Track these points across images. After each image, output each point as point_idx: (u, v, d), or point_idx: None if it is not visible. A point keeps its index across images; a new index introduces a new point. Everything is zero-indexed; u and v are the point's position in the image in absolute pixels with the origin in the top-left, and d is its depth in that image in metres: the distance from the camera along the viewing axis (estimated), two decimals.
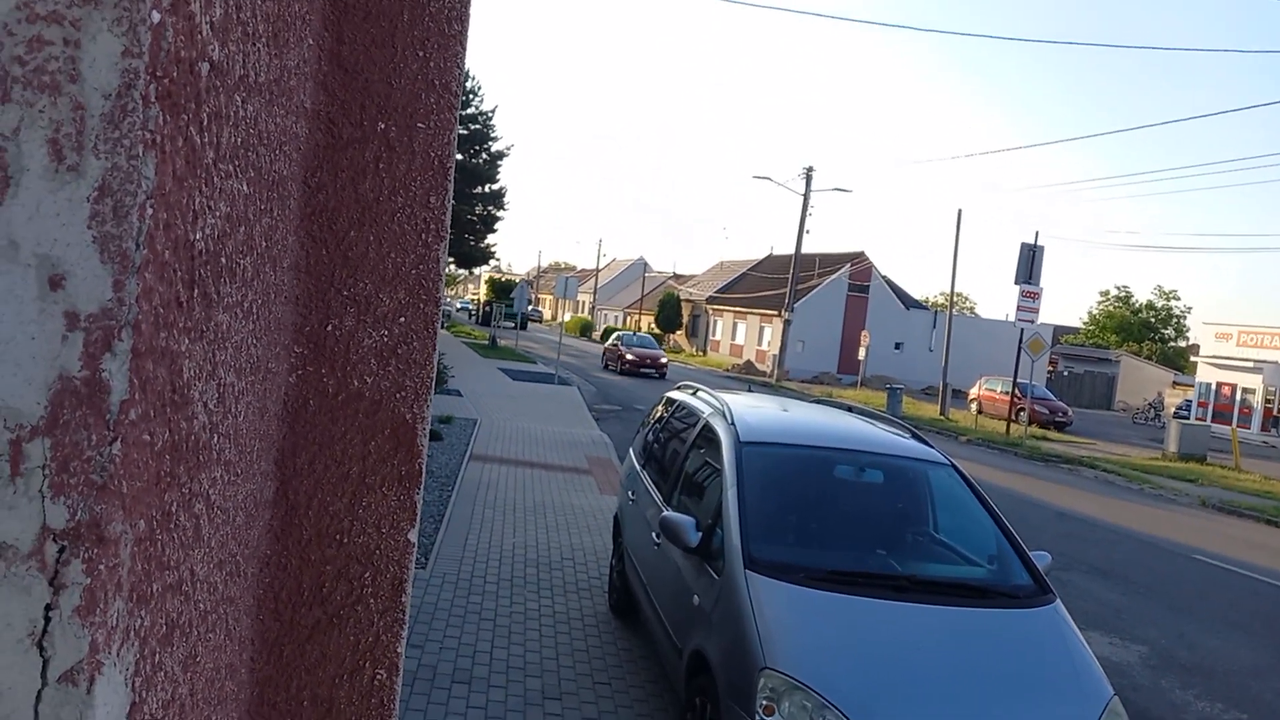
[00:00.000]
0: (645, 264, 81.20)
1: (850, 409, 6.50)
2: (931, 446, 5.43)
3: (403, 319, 1.05)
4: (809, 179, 38.47)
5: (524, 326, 52.44)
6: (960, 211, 34.40)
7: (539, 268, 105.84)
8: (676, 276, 76.66)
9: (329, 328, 1.02)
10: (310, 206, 0.99)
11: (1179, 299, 74.52)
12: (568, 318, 65.13)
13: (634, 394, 24.99)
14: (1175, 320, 74.38)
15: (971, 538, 4.95)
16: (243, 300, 0.73)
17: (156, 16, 0.45)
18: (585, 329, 67.11)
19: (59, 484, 0.44)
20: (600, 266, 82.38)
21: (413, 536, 1.08)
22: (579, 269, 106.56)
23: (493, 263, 56.15)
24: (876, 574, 4.32)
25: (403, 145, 1.02)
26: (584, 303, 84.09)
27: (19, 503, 0.44)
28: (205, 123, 0.54)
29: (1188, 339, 70.72)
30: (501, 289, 60.10)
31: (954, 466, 5.19)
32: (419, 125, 1.03)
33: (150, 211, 0.47)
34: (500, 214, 37.98)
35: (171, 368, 0.52)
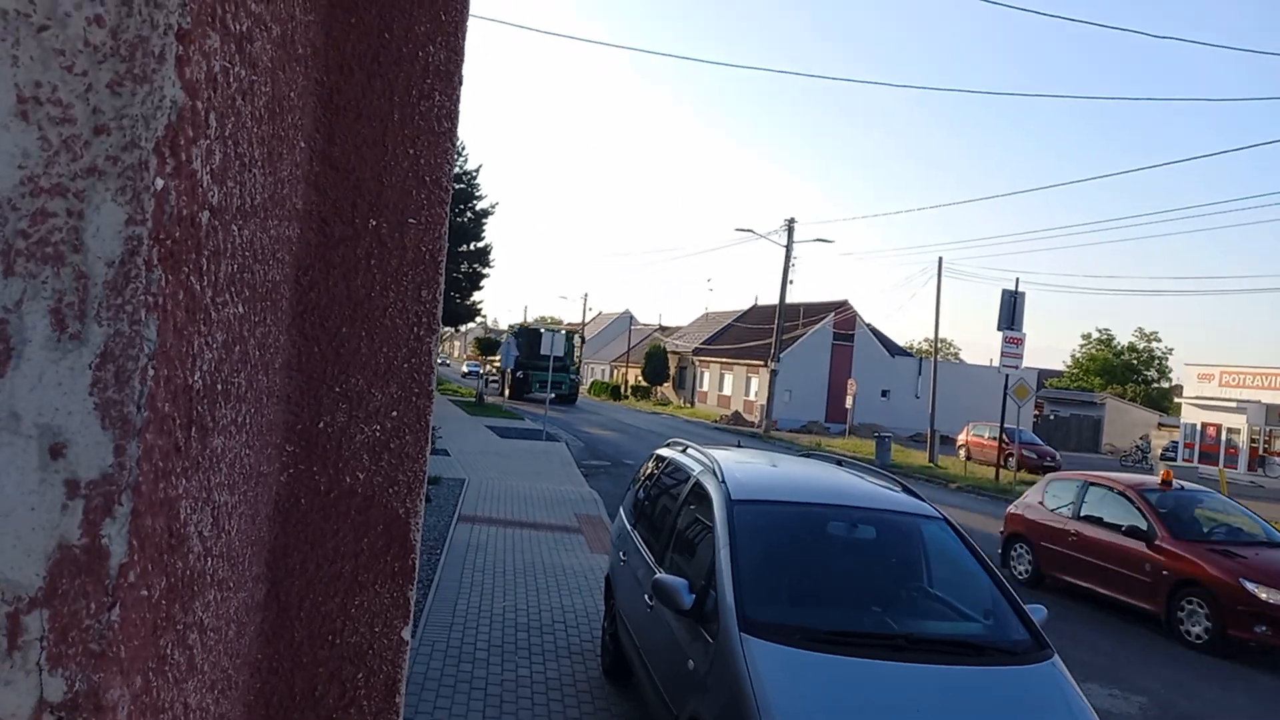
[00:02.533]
0: (631, 317, 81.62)
1: (840, 462, 6.49)
2: (923, 500, 5.41)
3: (395, 413, 1.05)
4: (791, 230, 38.93)
5: (573, 399, 47.25)
6: (941, 259, 34.80)
7: (525, 323, 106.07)
8: (663, 328, 76.97)
9: (321, 425, 1.01)
10: (302, 305, 0.99)
11: (1160, 340, 75.36)
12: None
13: (623, 449, 24.91)
14: (1157, 362, 75.06)
15: (966, 593, 4.92)
16: (236, 417, 0.72)
17: (160, 183, 0.46)
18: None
19: (57, 655, 0.43)
20: (586, 320, 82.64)
21: (406, 634, 1.06)
22: (565, 323, 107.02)
23: (479, 319, 56.13)
24: (873, 633, 4.27)
25: (394, 241, 1.03)
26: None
27: (16, 677, 0.42)
28: (205, 267, 0.54)
29: (1170, 380, 71.27)
30: (488, 346, 58.90)
31: (946, 520, 5.18)
32: (410, 221, 1.03)
33: (152, 372, 0.46)
34: (486, 271, 38.21)
35: (170, 515, 0.51)
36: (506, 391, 43.37)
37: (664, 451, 6.86)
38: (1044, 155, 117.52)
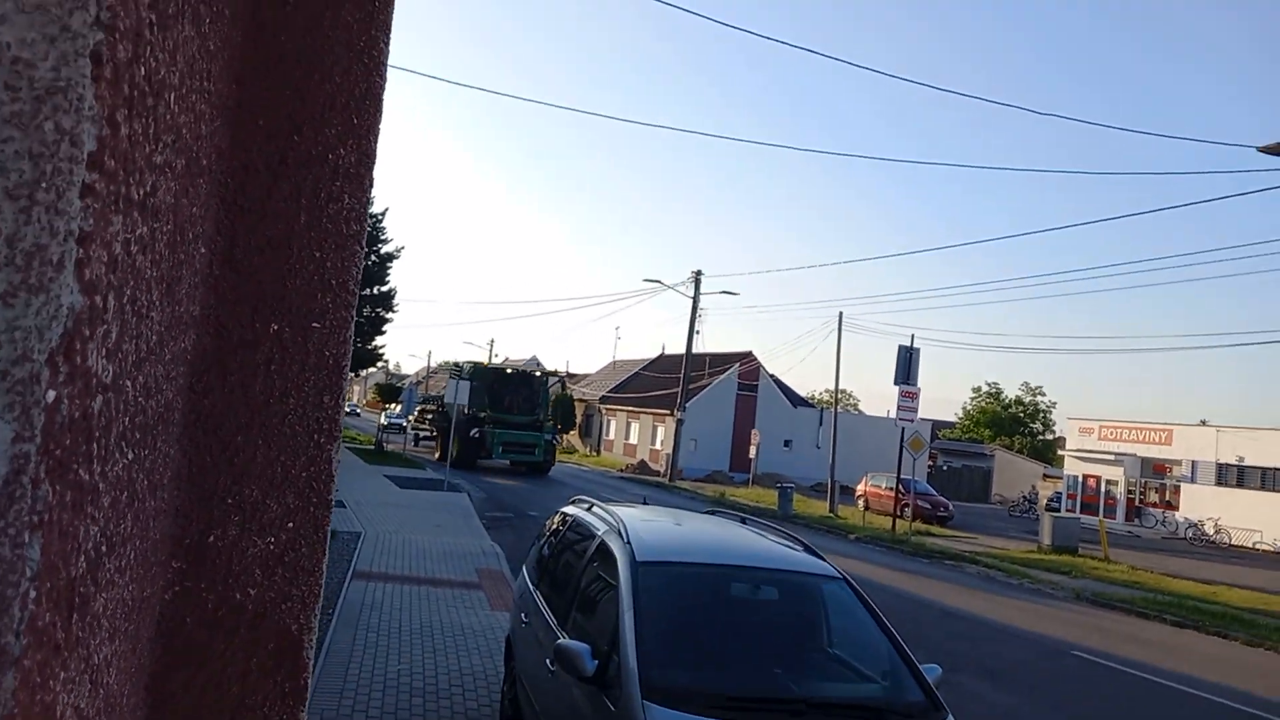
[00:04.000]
0: (538, 363, 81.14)
1: (744, 520, 6.53)
2: (824, 559, 5.48)
3: (291, 524, 1.00)
4: (698, 282, 39.59)
5: (547, 468, 33.96)
6: (841, 314, 35.93)
7: (429, 368, 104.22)
8: (570, 375, 76.76)
9: (211, 539, 0.96)
10: (195, 413, 0.94)
11: (1044, 394, 78.97)
12: None
13: (527, 499, 24.56)
14: (1042, 415, 78.73)
15: (865, 653, 4.99)
16: (121, 563, 0.68)
17: (52, 394, 0.43)
18: None
19: None
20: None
21: None
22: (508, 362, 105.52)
23: (380, 364, 54.59)
24: (774, 698, 4.28)
25: (296, 346, 0.99)
26: None
27: None
28: (95, 451, 0.51)
29: (1054, 433, 74.79)
30: (389, 392, 54.90)
31: (846, 580, 5.26)
32: (314, 325, 1.00)
33: (33, 594, 0.43)
34: (389, 315, 37.48)
35: (45, 709, 0.47)
36: (450, 454, 27.57)
37: (569, 509, 6.79)
38: (941, 220, 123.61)
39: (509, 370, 35.20)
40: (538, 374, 35.92)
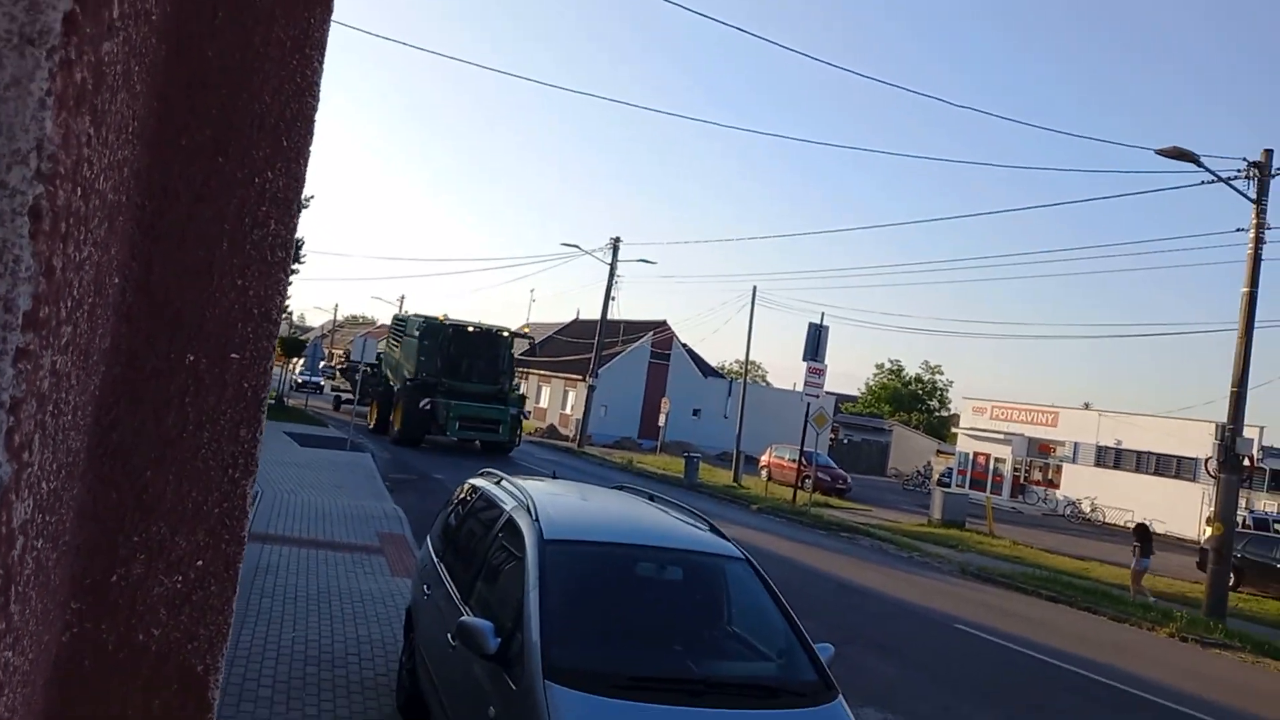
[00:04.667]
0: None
1: (652, 498, 6.60)
2: (728, 539, 5.59)
3: (200, 562, 0.96)
4: (616, 249, 39.51)
5: (509, 447, 28.87)
6: (755, 288, 36.42)
7: (335, 322, 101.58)
8: None
9: (114, 578, 0.92)
10: (103, 448, 0.89)
11: (943, 374, 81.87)
12: None
13: (433, 462, 24.28)
14: (939, 393, 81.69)
15: (764, 633, 5.13)
16: (12, 623, 0.64)
17: None
18: None
19: None
20: None
21: None
22: (379, 324, 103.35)
23: (284, 315, 52.43)
24: (675, 678, 4.37)
25: (213, 377, 0.95)
26: None
27: None
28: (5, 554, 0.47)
29: (949, 410, 77.77)
30: (292, 346, 51.60)
31: (749, 560, 5.38)
32: (232, 356, 0.96)
33: None
34: (296, 266, 36.25)
35: None
36: (391, 426, 26.42)
37: (477, 481, 6.74)
38: (862, 197, 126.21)
39: (470, 329, 27.93)
40: (504, 334, 29.00)
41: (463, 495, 6.92)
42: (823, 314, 28.23)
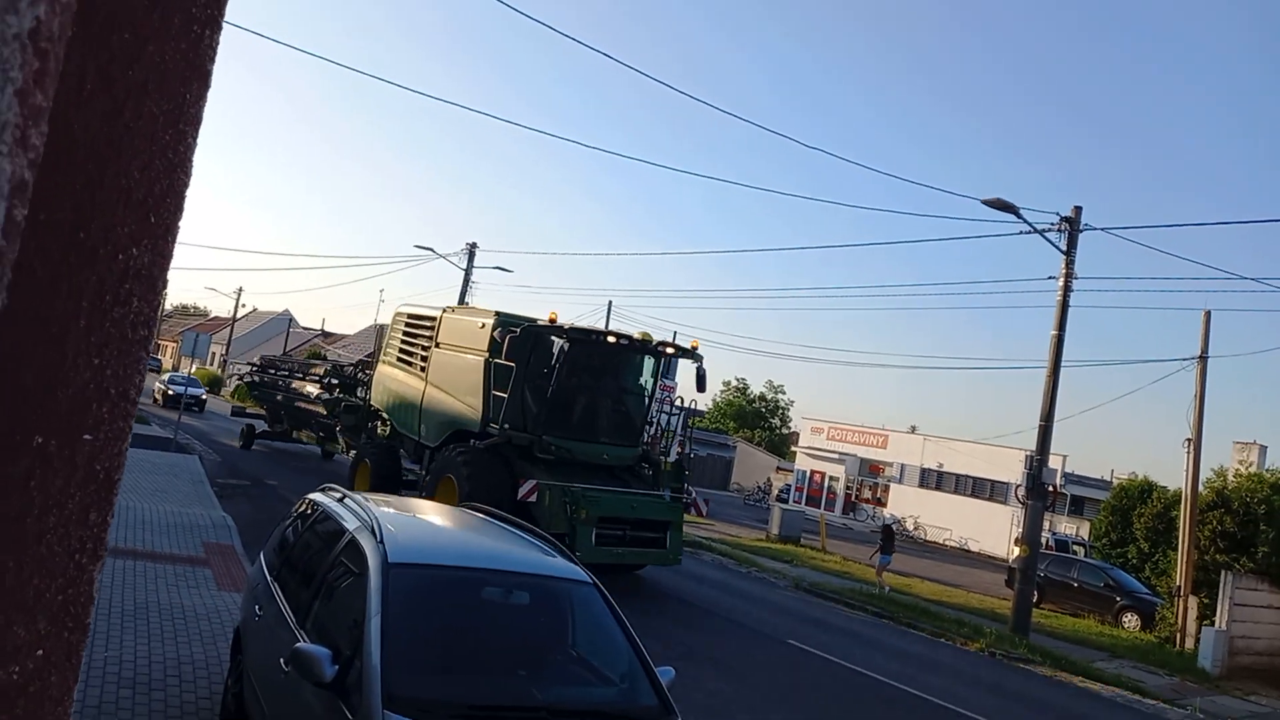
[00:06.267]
0: (291, 318, 76.56)
1: (500, 519, 6.56)
2: (575, 563, 5.63)
3: (40, 652, 0.92)
4: (472, 255, 38.94)
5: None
6: (611, 302, 36.78)
7: (162, 311, 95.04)
8: (325, 334, 73.04)
9: None
10: None
11: (785, 393, 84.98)
12: (193, 370, 58.00)
13: (267, 466, 23.15)
14: (781, 411, 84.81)
15: (608, 657, 5.19)
16: None
17: None
18: (214, 385, 60.64)
19: None
20: (238, 316, 76.00)
21: None
22: (211, 315, 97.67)
23: None
24: (517, 706, 4.37)
25: (63, 459, 0.90)
26: (215, 354, 76.88)
27: None
28: None
29: (790, 429, 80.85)
30: None
31: (595, 585, 5.43)
32: (84, 438, 0.92)
33: None
34: None
35: None
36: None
37: (317, 497, 6.49)
38: (712, 225, 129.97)
39: (610, 339, 15.14)
40: (665, 350, 15.43)
41: (302, 510, 6.65)
42: (674, 333, 28.75)
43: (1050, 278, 18.03)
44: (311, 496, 6.64)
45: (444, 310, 16.91)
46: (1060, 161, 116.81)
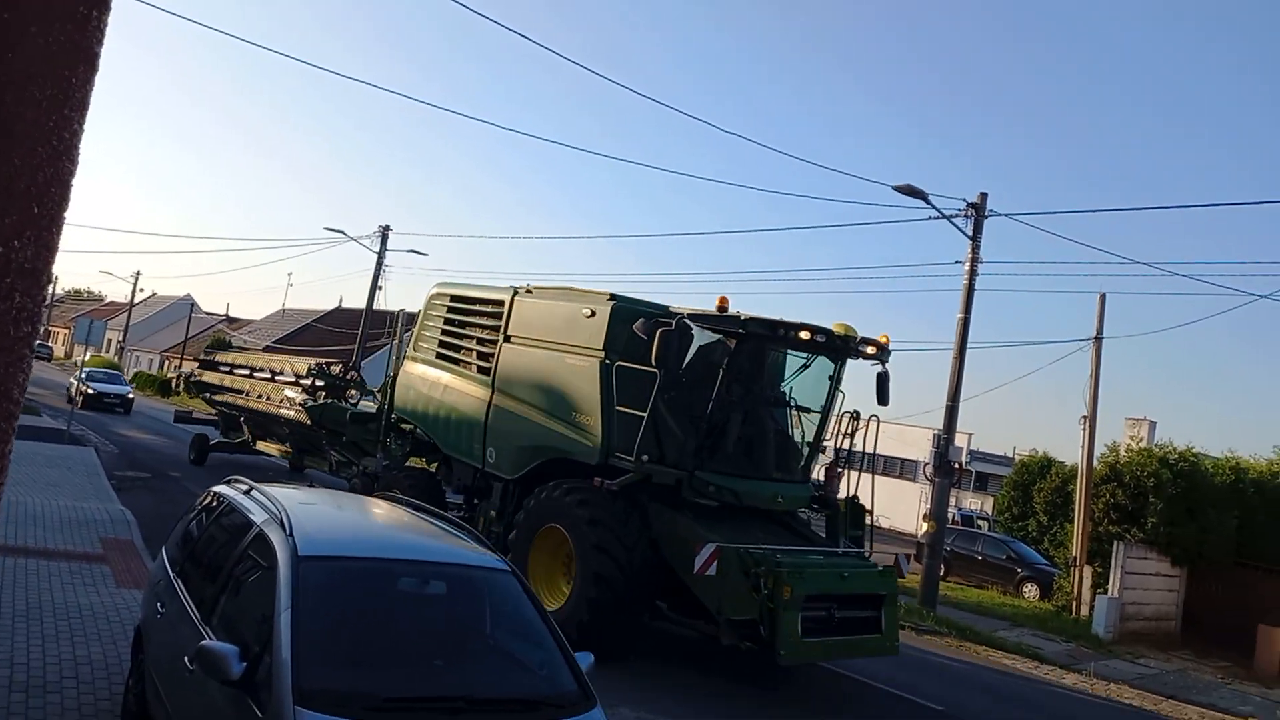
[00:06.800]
0: (193, 303, 73.68)
1: (416, 508, 6.46)
2: (492, 551, 5.60)
3: None
4: (385, 237, 38.08)
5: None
6: (530, 287, 36.37)
7: (52, 294, 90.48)
8: (230, 320, 70.57)
9: None
10: None
11: None
12: (88, 357, 55.05)
13: (169, 457, 22.31)
14: None
15: (527, 645, 5.17)
16: None
17: None
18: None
19: None
20: (135, 301, 72.80)
21: None
22: (107, 300, 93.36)
23: None
24: (434, 697, 4.32)
25: None
26: (112, 341, 73.58)
27: None
28: None
29: None
30: None
31: (513, 572, 5.41)
32: None
33: None
34: None
35: None
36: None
37: (223, 490, 6.28)
38: (626, 209, 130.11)
39: (805, 334, 10.10)
40: (865, 346, 10.71)
41: (207, 503, 6.43)
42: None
43: (957, 262, 18.65)
44: (216, 489, 6.42)
45: (516, 291, 12.39)
46: (974, 150, 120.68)
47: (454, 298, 13.61)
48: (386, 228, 37.86)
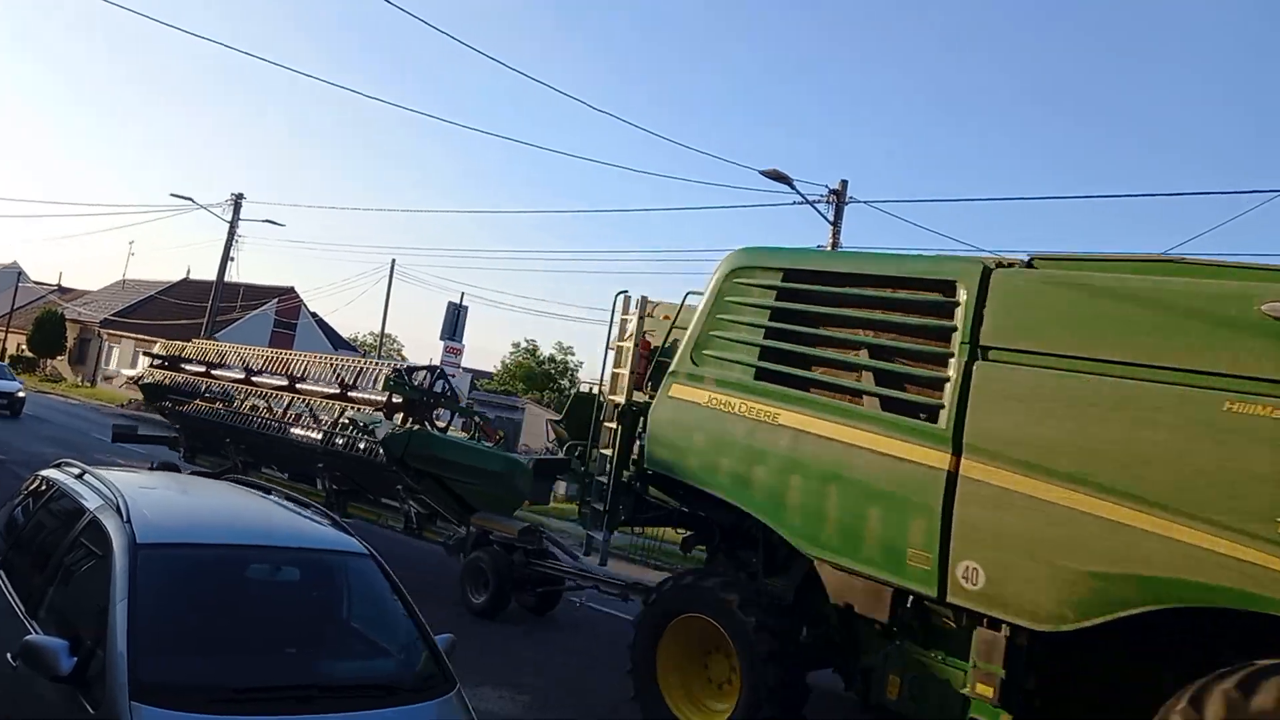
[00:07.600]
0: (21, 272, 67.89)
1: (269, 491, 6.20)
2: (351, 534, 5.41)
3: None
4: (238, 206, 36.22)
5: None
6: (394, 261, 35.54)
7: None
8: (62, 290, 65.54)
9: None
10: None
11: (574, 354, 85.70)
12: None
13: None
14: (570, 373, 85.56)
15: (386, 630, 5.06)
16: None
17: None
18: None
19: None
20: None
21: None
22: None
23: None
24: (285, 686, 4.17)
25: None
26: None
27: None
28: None
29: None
30: None
31: (372, 555, 5.25)
32: None
33: None
34: None
35: None
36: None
37: (52, 474, 5.84)
38: (522, 184, 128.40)
39: None
40: None
41: (35, 487, 5.97)
42: (462, 294, 28.31)
43: (819, 246, 19.28)
44: (45, 473, 5.97)
45: (988, 268, 6.10)
46: (832, 141, 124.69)
47: (796, 274, 7.42)
48: (239, 196, 36.02)
